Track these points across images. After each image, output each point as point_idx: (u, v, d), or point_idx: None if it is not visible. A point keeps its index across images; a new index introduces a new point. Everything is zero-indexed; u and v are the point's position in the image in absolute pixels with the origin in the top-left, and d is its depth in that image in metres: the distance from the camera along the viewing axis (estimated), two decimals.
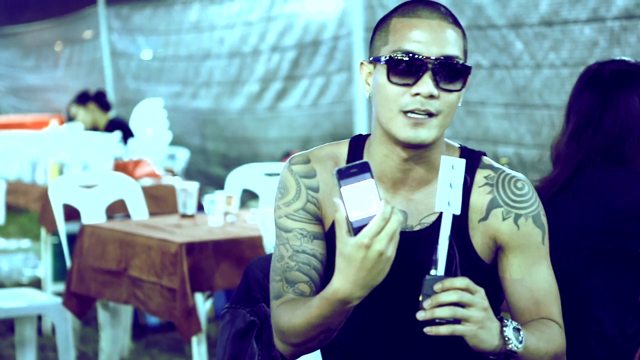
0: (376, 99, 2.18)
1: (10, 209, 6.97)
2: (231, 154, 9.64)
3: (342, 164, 2.26)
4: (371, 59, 2.20)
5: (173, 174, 7.26)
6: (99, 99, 8.58)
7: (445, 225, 2.00)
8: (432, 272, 1.98)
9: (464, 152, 2.27)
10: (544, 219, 2.23)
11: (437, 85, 2.10)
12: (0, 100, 15.38)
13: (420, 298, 1.96)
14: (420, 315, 1.95)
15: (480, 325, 1.97)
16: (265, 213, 4.10)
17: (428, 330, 1.95)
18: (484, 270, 2.22)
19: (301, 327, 2.08)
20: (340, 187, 1.87)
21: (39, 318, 5.74)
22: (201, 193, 5.15)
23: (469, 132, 6.80)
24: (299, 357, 2.20)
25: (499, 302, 2.30)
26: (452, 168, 2.02)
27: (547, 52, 6.10)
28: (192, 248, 3.92)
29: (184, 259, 3.88)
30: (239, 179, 5.71)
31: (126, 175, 5.66)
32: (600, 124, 2.78)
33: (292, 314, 2.11)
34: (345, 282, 1.92)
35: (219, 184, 7.46)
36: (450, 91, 2.13)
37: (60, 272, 6.38)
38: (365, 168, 1.88)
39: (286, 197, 2.27)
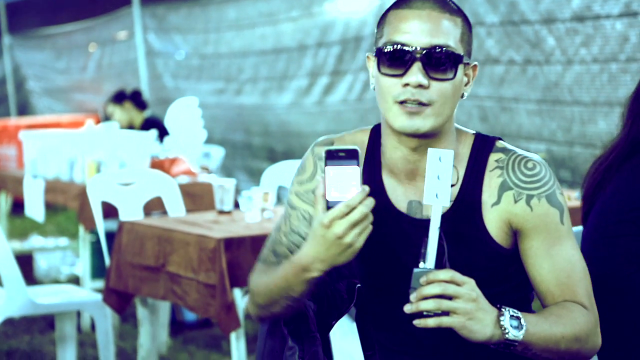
0: (376, 90, 2.21)
1: (48, 207, 7.03)
2: (279, 149, 9.68)
3: (363, 150, 2.29)
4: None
5: (208, 172, 7.30)
6: (135, 98, 8.62)
7: (434, 218, 2.01)
8: (421, 264, 2.00)
9: (478, 139, 2.26)
10: (560, 198, 2.19)
11: (426, 74, 2.12)
12: (36, 101, 15.49)
13: (410, 291, 1.98)
14: (407, 308, 1.98)
15: (468, 316, 1.97)
16: None
17: (417, 322, 1.98)
18: (503, 256, 2.20)
19: (268, 287, 2.18)
20: (326, 166, 1.96)
21: (78, 315, 5.79)
22: (238, 189, 5.17)
23: (503, 128, 6.79)
24: (265, 320, 2.28)
25: (527, 287, 2.26)
26: (439, 160, 2.03)
27: (578, 48, 6.08)
28: (231, 243, 3.94)
29: (223, 255, 3.90)
30: (275, 175, 5.74)
31: (163, 173, 5.70)
32: None
33: (264, 275, 2.23)
34: (308, 252, 2.04)
35: None
36: (442, 80, 2.13)
37: (98, 270, 6.44)
38: (353, 155, 1.97)
39: (301, 176, 2.33)
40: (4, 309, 4.41)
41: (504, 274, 2.23)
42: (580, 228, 2.85)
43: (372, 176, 2.28)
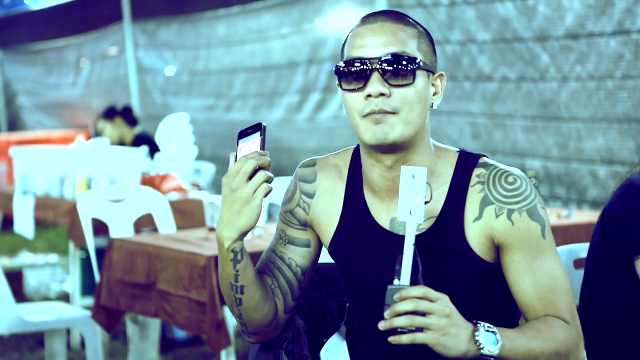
0: (346, 111, 2.22)
1: (38, 224, 7.00)
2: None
3: (345, 170, 2.33)
4: None
5: (199, 188, 7.29)
6: (126, 114, 8.61)
7: (408, 235, 2.01)
8: (395, 281, 1.99)
9: (462, 156, 2.26)
10: (542, 212, 2.19)
11: (386, 82, 2.13)
12: (27, 117, 15.47)
13: (384, 308, 1.99)
14: (381, 325, 1.97)
15: (442, 332, 1.96)
16: None
17: (391, 339, 1.97)
18: (487, 270, 2.20)
19: (220, 285, 2.26)
20: (237, 145, 2.16)
21: (68, 332, 5.77)
22: None
23: (497, 145, 6.79)
24: (249, 334, 2.31)
25: (513, 302, 2.26)
26: (412, 177, 2.03)
27: (573, 65, 6.10)
28: None
29: (213, 272, 3.88)
30: None
31: (154, 190, 5.69)
32: None
33: None
34: (218, 223, 2.15)
35: None
36: (402, 86, 2.14)
37: (88, 287, 6.42)
38: (257, 128, 2.14)
39: (285, 197, 2.38)
40: None
41: (489, 289, 2.23)
42: (570, 246, 2.85)
43: (355, 194, 2.30)
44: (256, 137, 2.12)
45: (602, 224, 2.62)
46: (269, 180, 2.09)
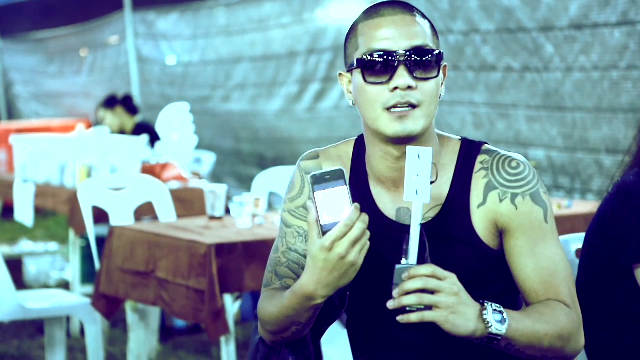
0: (359, 103, 2.21)
1: (38, 212, 6.99)
2: (269, 155, 9.66)
3: (348, 162, 2.32)
4: (347, 67, 2.25)
5: (199, 177, 7.28)
6: (127, 103, 8.60)
7: (415, 215, 2.01)
8: (403, 261, 2.00)
9: (465, 144, 2.27)
10: (544, 197, 2.20)
11: (412, 76, 2.14)
12: (23, 106, 15.45)
13: (393, 287, 1.99)
14: (390, 304, 1.98)
15: (451, 310, 1.97)
16: None
17: (400, 318, 1.97)
18: (492, 257, 2.21)
19: (274, 316, 2.17)
20: (314, 191, 1.97)
21: (68, 320, 5.77)
22: (229, 196, 5.16)
23: (500, 135, 6.78)
24: (277, 343, 2.27)
25: (515, 290, 2.27)
26: (418, 157, 2.03)
27: (577, 55, 6.08)
28: (222, 249, 3.92)
29: (214, 260, 3.88)
30: (266, 181, 5.72)
31: (154, 178, 5.68)
32: None
33: (269, 302, 2.20)
34: (310, 280, 2.03)
35: None
36: (427, 79, 2.15)
37: (87, 275, 6.42)
38: (339, 175, 1.98)
39: (291, 192, 2.34)
40: None
41: (493, 276, 2.23)
42: (569, 236, 2.85)
43: (360, 186, 2.29)
44: (341, 189, 1.98)
45: (597, 225, 2.61)
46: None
